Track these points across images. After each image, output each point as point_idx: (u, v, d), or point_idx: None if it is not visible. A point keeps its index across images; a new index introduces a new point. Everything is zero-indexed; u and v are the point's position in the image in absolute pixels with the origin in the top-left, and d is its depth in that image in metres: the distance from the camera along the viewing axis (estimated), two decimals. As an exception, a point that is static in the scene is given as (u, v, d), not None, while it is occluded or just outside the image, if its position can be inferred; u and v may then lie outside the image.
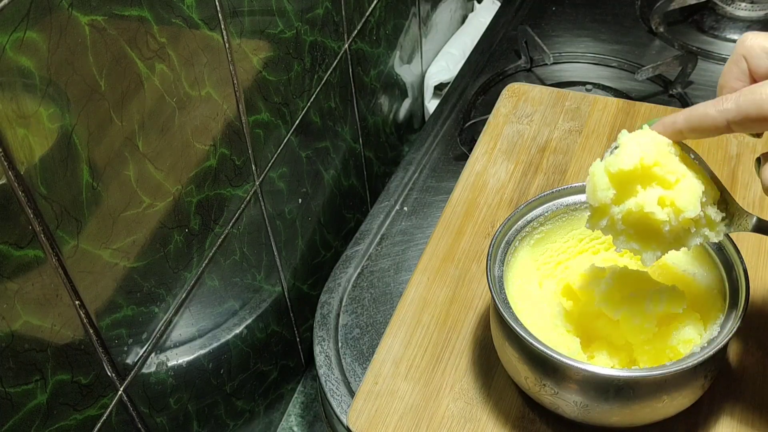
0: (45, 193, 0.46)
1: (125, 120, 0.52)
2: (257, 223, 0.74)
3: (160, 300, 0.61)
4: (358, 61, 0.92)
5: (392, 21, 1.00)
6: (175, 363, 0.65)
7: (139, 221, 0.56)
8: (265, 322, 0.80)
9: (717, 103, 0.47)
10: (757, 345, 0.64)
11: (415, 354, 0.66)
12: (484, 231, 0.75)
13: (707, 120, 0.47)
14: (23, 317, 0.46)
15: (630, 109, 0.86)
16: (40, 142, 0.45)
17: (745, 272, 0.57)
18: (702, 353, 0.53)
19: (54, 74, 0.45)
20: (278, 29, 0.71)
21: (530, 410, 0.62)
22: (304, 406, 0.91)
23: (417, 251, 0.79)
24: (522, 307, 0.60)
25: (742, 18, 1.07)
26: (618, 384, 0.54)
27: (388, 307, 0.74)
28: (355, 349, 0.71)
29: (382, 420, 0.62)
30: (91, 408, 0.54)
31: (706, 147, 0.80)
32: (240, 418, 0.78)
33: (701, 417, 0.60)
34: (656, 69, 0.96)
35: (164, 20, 0.54)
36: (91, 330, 0.53)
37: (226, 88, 0.64)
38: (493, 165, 0.82)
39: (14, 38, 0.42)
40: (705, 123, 0.47)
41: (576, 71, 1.02)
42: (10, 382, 0.46)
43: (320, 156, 0.87)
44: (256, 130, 0.71)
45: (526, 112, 0.87)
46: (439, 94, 1.17)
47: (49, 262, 0.48)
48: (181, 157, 0.60)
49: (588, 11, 1.13)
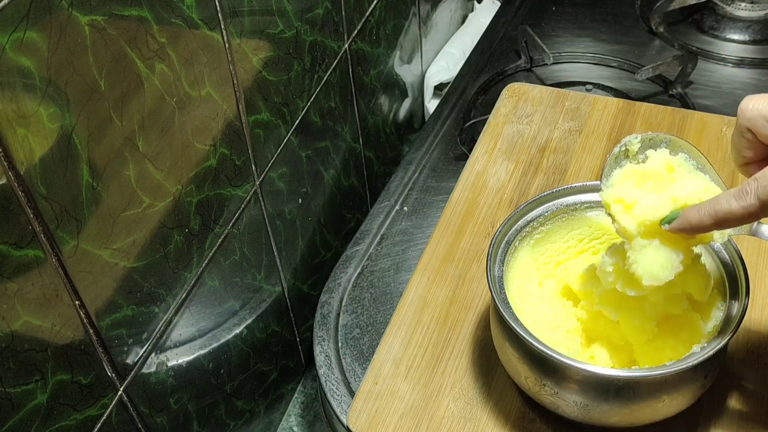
0: (45, 193, 0.46)
1: (125, 120, 0.52)
2: (257, 223, 0.74)
3: (160, 300, 0.61)
4: (358, 61, 0.92)
5: (392, 21, 1.00)
6: (175, 363, 0.65)
7: (139, 221, 0.56)
8: (265, 322, 0.80)
9: (739, 198, 0.48)
10: (757, 345, 0.64)
11: (415, 354, 0.66)
12: (484, 231, 0.75)
13: (732, 216, 0.49)
14: (23, 317, 0.46)
15: (630, 109, 0.86)
16: (40, 142, 0.45)
17: (745, 272, 0.57)
18: (702, 353, 0.53)
19: (54, 74, 0.45)
20: (278, 29, 0.71)
21: (530, 410, 0.62)
22: (304, 406, 0.91)
23: (417, 251, 0.79)
24: (522, 307, 0.60)
25: (742, 18, 1.07)
26: (618, 384, 0.54)
27: (388, 307, 0.74)
28: (355, 349, 0.71)
29: (382, 420, 0.62)
30: (91, 408, 0.54)
31: (706, 147, 0.80)
32: (240, 418, 0.78)
33: (701, 417, 0.60)
34: (656, 69, 0.96)
35: (164, 20, 0.54)
36: (91, 330, 0.53)
37: (226, 88, 0.64)
38: (493, 165, 0.82)
39: (14, 38, 0.42)
40: (731, 219, 0.49)
41: (576, 71, 1.02)
42: (10, 382, 0.46)
43: (320, 156, 0.87)
44: (256, 130, 0.71)
45: (526, 112, 0.87)
46: (439, 94, 1.17)
47: (49, 262, 0.48)
48: (181, 157, 0.60)
49: (588, 11, 1.13)
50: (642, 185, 0.55)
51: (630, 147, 0.57)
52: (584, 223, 0.65)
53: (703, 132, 0.82)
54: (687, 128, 0.83)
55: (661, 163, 0.56)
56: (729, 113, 0.88)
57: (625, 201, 0.54)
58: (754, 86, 0.96)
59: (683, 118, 0.84)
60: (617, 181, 0.56)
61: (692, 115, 0.84)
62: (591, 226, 0.65)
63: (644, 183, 0.55)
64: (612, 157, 0.57)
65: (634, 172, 0.56)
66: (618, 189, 0.55)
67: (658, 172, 0.55)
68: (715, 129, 0.83)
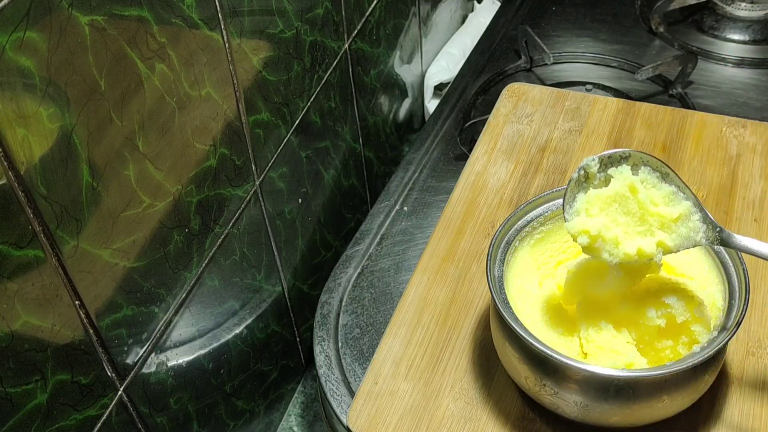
0: (45, 193, 0.46)
1: (125, 120, 0.52)
2: (257, 223, 0.74)
3: (160, 300, 0.61)
4: (358, 61, 0.92)
5: (392, 21, 1.00)
6: (175, 363, 0.65)
7: (139, 221, 0.56)
8: (265, 322, 0.80)
9: None
10: (757, 345, 0.64)
11: (415, 354, 0.66)
12: (484, 231, 0.75)
13: None
14: (23, 317, 0.46)
15: (630, 109, 0.86)
16: (40, 142, 0.45)
17: (745, 272, 0.57)
18: (702, 353, 0.53)
19: (54, 74, 0.45)
20: (278, 29, 0.71)
21: (530, 410, 0.62)
22: (304, 406, 0.91)
23: (417, 251, 0.79)
24: (522, 307, 0.60)
25: (742, 18, 1.07)
26: (618, 384, 0.54)
27: (388, 307, 0.74)
28: (355, 349, 0.71)
29: (382, 420, 0.62)
30: (91, 408, 0.54)
31: (706, 147, 0.80)
32: (240, 418, 0.78)
33: (701, 417, 0.60)
34: (656, 69, 0.96)
35: (164, 20, 0.54)
36: (91, 330, 0.53)
37: (226, 88, 0.64)
38: (493, 165, 0.82)
39: (14, 38, 0.42)
40: None
41: (576, 71, 1.02)
42: (10, 382, 0.46)
43: (320, 156, 0.87)
44: (256, 130, 0.71)
45: (526, 112, 0.87)
46: (439, 94, 1.17)
47: (49, 262, 0.48)
48: (181, 157, 0.60)
49: (588, 11, 1.13)
50: (607, 209, 0.55)
51: (589, 170, 0.56)
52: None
53: (703, 132, 0.82)
54: (687, 128, 0.83)
55: (624, 184, 0.56)
56: (729, 113, 0.88)
57: (591, 232, 0.55)
58: (754, 86, 0.96)
59: (683, 118, 0.84)
60: (582, 207, 0.56)
61: (692, 115, 0.85)
62: (591, 226, 0.65)
63: (609, 207, 0.55)
64: (572, 183, 0.56)
65: (598, 198, 0.56)
66: (583, 219, 0.56)
67: (622, 193, 0.55)
68: (715, 129, 0.83)
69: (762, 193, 0.76)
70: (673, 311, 0.57)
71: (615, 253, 0.55)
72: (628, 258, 0.55)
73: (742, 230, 0.73)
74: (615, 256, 0.55)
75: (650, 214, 0.55)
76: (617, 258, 0.55)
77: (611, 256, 0.55)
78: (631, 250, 0.55)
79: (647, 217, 0.55)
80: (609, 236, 0.55)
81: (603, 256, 0.55)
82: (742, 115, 0.89)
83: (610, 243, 0.55)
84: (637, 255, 0.55)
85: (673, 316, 0.57)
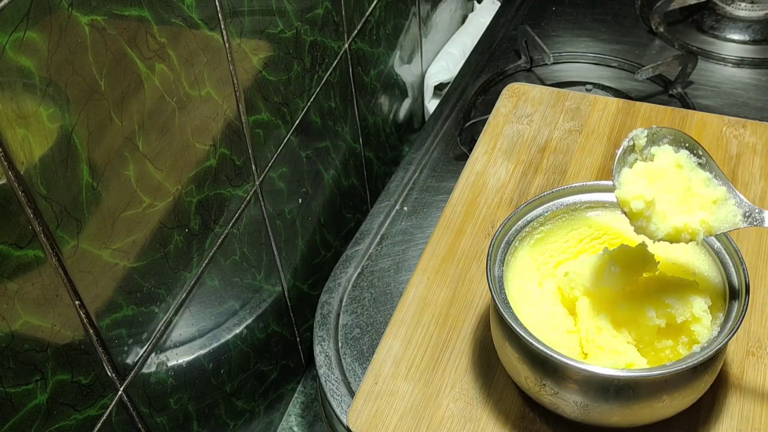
0: (45, 193, 0.46)
1: (125, 120, 0.52)
2: (257, 223, 0.74)
3: (160, 300, 0.61)
4: (358, 61, 0.92)
5: (392, 21, 1.00)
6: (175, 363, 0.65)
7: (139, 221, 0.56)
8: (265, 322, 0.80)
9: None
10: (757, 345, 0.64)
11: (415, 354, 0.66)
12: (484, 231, 0.75)
13: None
14: (23, 317, 0.46)
15: (630, 109, 0.86)
16: (40, 142, 0.45)
17: (745, 272, 0.57)
18: (702, 353, 0.53)
19: (54, 74, 0.45)
20: (278, 29, 0.71)
21: (530, 410, 0.62)
22: (304, 406, 0.91)
23: (417, 251, 0.79)
24: (522, 307, 0.60)
25: (742, 18, 1.07)
26: (618, 384, 0.54)
27: (388, 307, 0.74)
28: (355, 349, 0.71)
29: (382, 420, 0.62)
30: (91, 408, 0.54)
31: (706, 147, 0.80)
32: (240, 418, 0.78)
33: (701, 417, 0.60)
34: (656, 69, 0.96)
35: (164, 20, 0.54)
36: (91, 330, 0.53)
37: (226, 88, 0.64)
38: (493, 165, 0.82)
39: (14, 38, 0.42)
40: None
41: (576, 71, 1.02)
42: (10, 382, 0.46)
43: (320, 156, 0.87)
44: (256, 130, 0.71)
45: (526, 112, 0.87)
46: (439, 94, 1.17)
47: (49, 262, 0.48)
48: (181, 157, 0.60)
49: (588, 11, 1.13)
50: (654, 184, 0.56)
51: (637, 141, 0.57)
52: (584, 223, 0.65)
53: (703, 132, 0.82)
54: (687, 128, 0.83)
55: (670, 162, 0.56)
56: (729, 113, 0.88)
57: (646, 198, 0.54)
58: (754, 86, 0.96)
59: (683, 118, 0.84)
60: (629, 179, 0.56)
61: (692, 115, 0.85)
62: (591, 226, 0.65)
63: (656, 182, 0.56)
64: (621, 152, 0.57)
65: (646, 171, 0.56)
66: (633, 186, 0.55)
67: (667, 170, 0.56)
68: (715, 129, 0.83)
69: (762, 193, 0.76)
70: (673, 311, 0.57)
71: (662, 227, 0.55)
72: (675, 232, 0.55)
73: (742, 230, 0.72)
74: (662, 230, 0.55)
75: (692, 194, 0.56)
76: (663, 232, 0.55)
77: (658, 229, 0.55)
78: (679, 223, 0.55)
79: (689, 198, 0.56)
80: (658, 209, 0.55)
81: (650, 228, 0.55)
82: (742, 115, 0.89)
83: (659, 215, 0.55)
84: (684, 230, 0.55)
85: (673, 316, 0.57)
